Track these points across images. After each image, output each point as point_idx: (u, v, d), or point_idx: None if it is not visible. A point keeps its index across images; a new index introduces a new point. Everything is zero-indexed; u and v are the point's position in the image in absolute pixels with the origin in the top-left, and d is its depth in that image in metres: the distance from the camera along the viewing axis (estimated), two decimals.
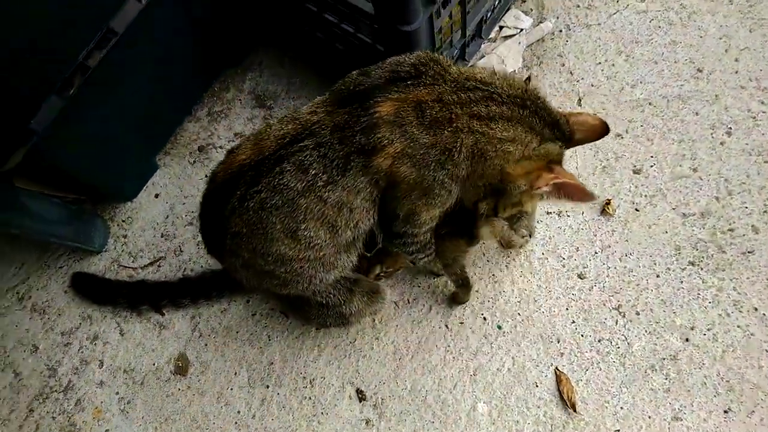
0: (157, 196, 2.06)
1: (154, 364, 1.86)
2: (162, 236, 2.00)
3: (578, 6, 2.03)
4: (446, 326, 1.77)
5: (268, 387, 1.78)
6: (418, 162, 1.20)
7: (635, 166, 1.83)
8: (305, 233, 1.25)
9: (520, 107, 1.23)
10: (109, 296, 1.90)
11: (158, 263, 1.97)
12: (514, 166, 1.26)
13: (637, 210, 1.79)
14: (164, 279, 1.94)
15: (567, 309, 1.73)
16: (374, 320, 1.80)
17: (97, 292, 1.92)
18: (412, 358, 1.75)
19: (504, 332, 1.73)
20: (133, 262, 1.98)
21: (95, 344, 1.90)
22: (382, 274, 1.71)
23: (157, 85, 1.88)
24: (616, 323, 1.69)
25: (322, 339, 1.81)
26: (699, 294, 1.67)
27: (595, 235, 1.79)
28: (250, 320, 1.87)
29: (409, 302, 1.81)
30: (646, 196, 1.79)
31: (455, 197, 1.34)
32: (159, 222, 2.02)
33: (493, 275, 1.80)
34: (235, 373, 1.81)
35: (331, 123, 1.21)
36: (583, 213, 1.82)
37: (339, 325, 1.64)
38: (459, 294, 1.74)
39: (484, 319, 1.76)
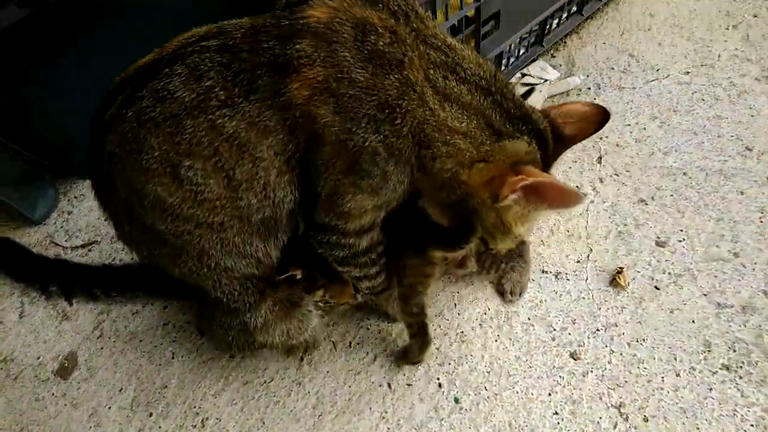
0: None
1: (38, 358, 1.53)
2: (106, 219, 1.78)
3: (612, 69, 1.85)
4: (388, 385, 1.36)
5: (151, 415, 1.39)
6: (344, 107, 0.91)
7: (659, 238, 1.48)
8: (189, 174, 0.93)
9: (483, 93, 0.97)
10: (26, 271, 1.65)
11: (90, 247, 1.73)
12: (469, 172, 0.99)
13: (657, 288, 1.40)
14: (88, 263, 1.68)
15: (550, 395, 1.29)
16: (302, 360, 1.42)
17: (16, 264, 1.67)
18: (336, 417, 1.33)
19: (462, 408, 1.30)
20: (66, 241, 1.75)
21: None
22: (321, 302, 1.38)
23: None
24: (615, 427, 1.23)
25: (233, 370, 1.44)
26: (735, 410, 1.21)
27: (599, 309, 1.40)
28: (159, 330, 1.54)
29: (350, 346, 1.44)
30: (670, 273, 1.42)
31: (398, 192, 1.03)
32: None
33: (462, 332, 1.41)
34: (121, 389, 1.44)
35: (249, 24, 0.94)
36: (587, 279, 1.45)
37: (244, 346, 1.26)
38: (412, 348, 1.35)
39: (439, 385, 1.34)
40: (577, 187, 1.60)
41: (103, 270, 1.62)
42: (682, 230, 1.48)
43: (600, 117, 1.05)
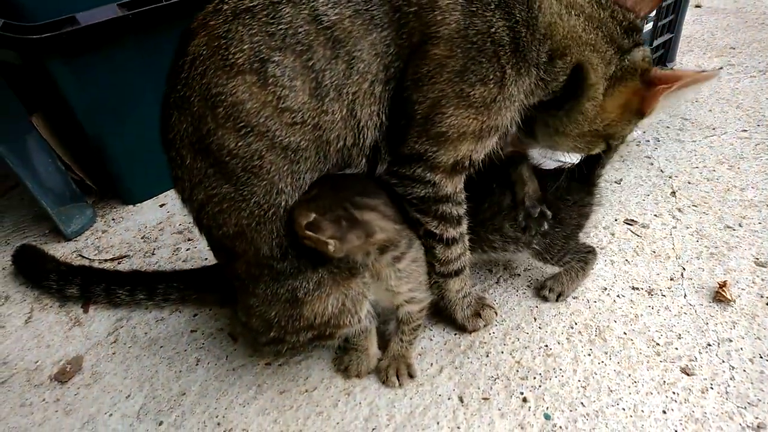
0: (162, 205, 1.80)
1: (36, 362, 1.29)
2: (143, 238, 1.66)
3: (668, 127, 1.87)
4: (460, 399, 1.10)
5: (161, 424, 1.11)
6: None
7: (758, 259, 1.33)
8: (277, 72, 0.86)
9: (599, 6, 0.97)
10: (43, 273, 1.48)
11: (120, 260, 1.58)
12: (607, 101, 0.99)
13: None
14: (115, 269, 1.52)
15: (665, 412, 1.03)
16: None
17: (35, 267, 1.52)
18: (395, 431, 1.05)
19: (555, 426, 1.03)
20: (95, 255, 1.61)
21: None
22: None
23: None
24: None
25: (268, 378, 1.19)
26: None
27: (707, 324, 1.19)
28: (185, 336, 1.32)
29: None
30: None
31: (505, 117, 0.95)
32: (149, 226, 1.70)
33: (546, 346, 1.19)
34: (128, 396, 1.18)
35: None
36: (685, 296, 1.26)
37: (287, 326, 1.03)
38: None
39: (524, 400, 1.09)
40: (655, 215, 1.50)
41: (132, 274, 1.45)
42: None
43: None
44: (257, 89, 0.87)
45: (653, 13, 1.97)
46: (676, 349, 1.15)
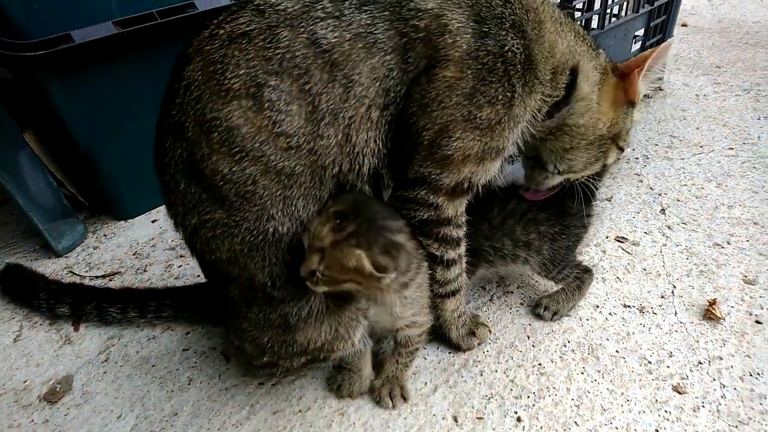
0: (154, 221, 1.79)
1: (25, 382, 1.27)
2: (134, 254, 1.65)
3: (657, 145, 1.90)
4: (454, 419, 1.10)
5: None
6: (484, 8, 0.90)
7: (746, 276, 1.35)
8: (272, 96, 0.86)
9: (572, 21, 1.07)
10: (31, 292, 1.46)
11: (111, 277, 1.57)
12: (601, 104, 1.07)
13: (758, 322, 1.23)
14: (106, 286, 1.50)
15: (657, 431, 1.04)
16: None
17: (23, 286, 1.50)
18: None
19: None
20: (86, 271, 1.60)
21: None
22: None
23: None
24: None
25: (261, 398, 1.19)
26: None
27: (697, 342, 1.21)
28: (177, 355, 1.31)
29: None
30: None
31: (509, 136, 0.97)
32: (140, 242, 1.69)
33: (540, 364, 1.20)
34: (120, 416, 1.17)
35: None
36: (676, 313, 1.28)
37: (280, 352, 1.02)
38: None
39: (518, 419, 1.09)
40: (645, 233, 1.52)
41: (124, 292, 1.44)
42: None
43: None
44: (252, 114, 0.86)
45: (642, 33, 2.02)
46: (668, 367, 1.17)
